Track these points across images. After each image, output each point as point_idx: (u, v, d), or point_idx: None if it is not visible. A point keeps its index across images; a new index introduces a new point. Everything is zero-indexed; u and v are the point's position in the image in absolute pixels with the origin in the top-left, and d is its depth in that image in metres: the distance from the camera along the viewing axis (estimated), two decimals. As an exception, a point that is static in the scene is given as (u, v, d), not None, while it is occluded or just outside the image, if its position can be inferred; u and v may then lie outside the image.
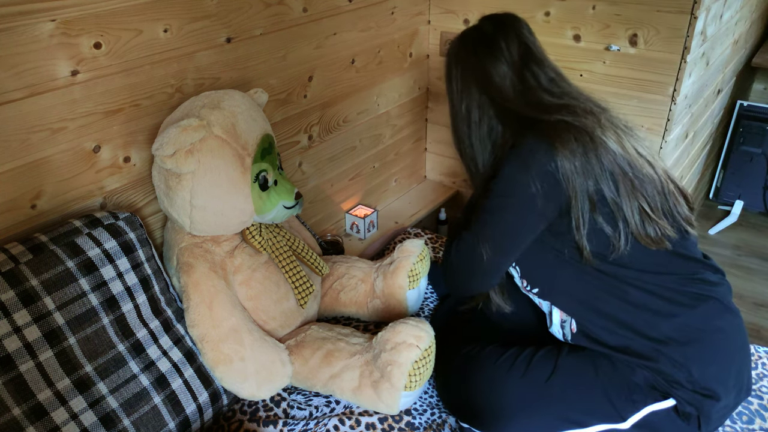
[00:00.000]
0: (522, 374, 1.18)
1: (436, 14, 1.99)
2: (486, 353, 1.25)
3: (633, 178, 1.08)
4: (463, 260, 1.18)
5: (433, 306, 1.58)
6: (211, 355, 1.17)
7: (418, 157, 2.25)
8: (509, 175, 1.10)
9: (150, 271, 1.17)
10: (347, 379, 1.22)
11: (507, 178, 1.11)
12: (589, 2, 1.67)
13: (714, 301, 1.11)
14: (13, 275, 0.97)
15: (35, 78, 1.04)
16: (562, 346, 1.21)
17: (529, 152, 1.08)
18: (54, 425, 0.96)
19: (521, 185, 1.08)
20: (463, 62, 1.20)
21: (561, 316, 1.20)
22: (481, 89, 1.17)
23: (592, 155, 1.06)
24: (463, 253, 1.17)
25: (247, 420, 1.20)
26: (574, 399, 1.15)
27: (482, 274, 1.17)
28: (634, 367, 1.11)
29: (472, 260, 1.16)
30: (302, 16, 1.52)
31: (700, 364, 1.08)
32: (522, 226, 1.12)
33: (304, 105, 1.63)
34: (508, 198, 1.11)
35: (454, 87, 1.22)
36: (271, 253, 1.30)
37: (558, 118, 1.09)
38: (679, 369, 1.08)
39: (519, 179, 1.08)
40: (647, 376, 1.10)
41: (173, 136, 1.09)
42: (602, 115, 1.12)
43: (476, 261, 1.15)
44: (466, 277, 1.20)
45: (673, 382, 1.09)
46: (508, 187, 1.11)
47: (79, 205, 1.18)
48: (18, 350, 0.95)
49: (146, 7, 1.17)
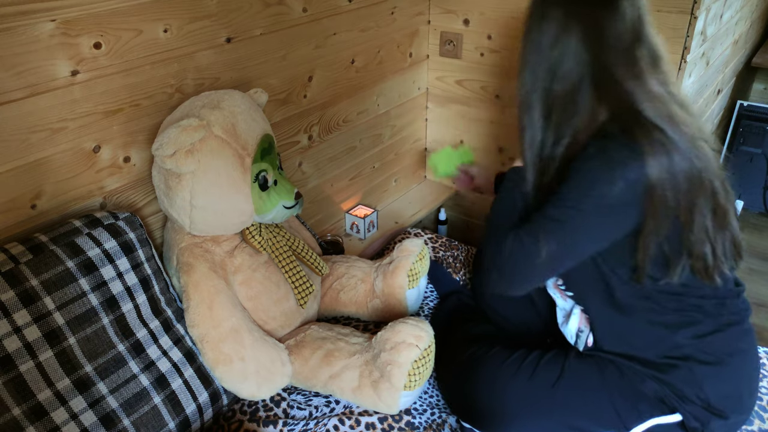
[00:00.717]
0: (529, 377, 1.17)
1: (436, 14, 1.99)
2: (492, 354, 1.24)
3: (722, 218, 1.02)
4: (518, 259, 1.06)
5: (433, 305, 1.58)
6: (211, 355, 1.17)
7: (418, 157, 2.25)
8: (589, 171, 0.98)
9: (150, 271, 1.17)
10: (347, 378, 1.22)
11: (586, 174, 0.99)
12: (589, 2, 1.67)
13: (740, 325, 1.10)
14: (13, 275, 0.97)
15: (35, 78, 1.04)
16: (569, 349, 1.20)
17: (618, 152, 0.96)
18: (54, 425, 0.96)
19: (602, 186, 0.97)
20: (571, 4, 1.02)
21: (579, 324, 1.18)
22: (587, 44, 1.00)
23: (686, 181, 0.96)
24: (519, 252, 1.05)
25: (247, 420, 1.20)
26: (579, 405, 1.14)
27: (534, 275, 1.07)
28: (643, 377, 1.10)
29: (528, 260, 1.05)
30: (302, 16, 1.52)
31: (715, 383, 1.07)
32: (594, 232, 1.02)
33: (304, 105, 1.63)
34: (584, 197, 0.99)
35: (546, 28, 1.03)
36: (271, 253, 1.31)
37: (664, 128, 0.96)
38: (691, 386, 1.07)
39: (601, 178, 0.97)
40: (656, 389, 1.09)
41: (173, 136, 1.09)
42: (711, 156, 1.01)
43: (532, 261, 1.04)
44: (517, 277, 1.08)
45: (682, 398, 1.08)
46: (585, 185, 0.99)
47: (79, 205, 1.18)
48: (18, 350, 0.95)
49: (146, 7, 1.17)
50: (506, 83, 1.93)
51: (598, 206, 0.98)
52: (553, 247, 1.02)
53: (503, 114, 1.98)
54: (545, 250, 1.02)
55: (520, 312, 1.37)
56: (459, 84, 2.04)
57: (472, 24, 1.92)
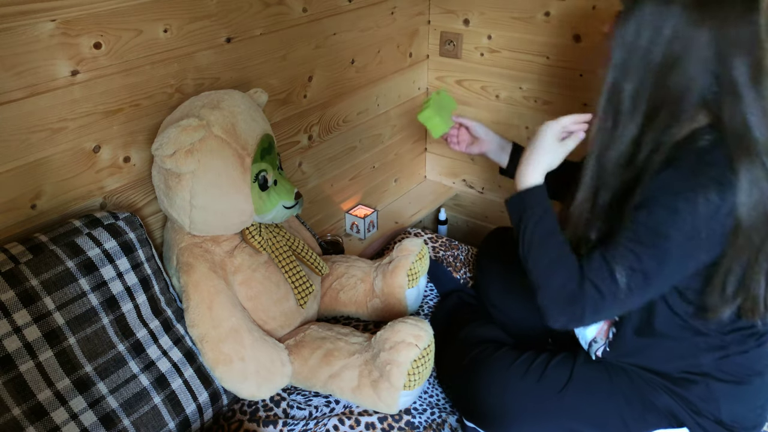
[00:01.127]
0: (537, 381, 1.16)
1: (436, 14, 1.99)
2: (500, 356, 1.23)
3: None
4: (592, 304, 0.96)
5: (432, 304, 1.58)
6: (211, 355, 1.17)
7: (418, 157, 2.25)
8: (679, 194, 0.88)
9: (150, 271, 1.17)
10: (346, 378, 1.22)
11: (675, 199, 0.88)
12: (589, 2, 1.67)
13: (763, 347, 1.07)
14: (13, 275, 0.97)
15: (35, 78, 1.04)
16: (578, 352, 1.19)
17: (714, 179, 0.87)
18: (54, 425, 0.96)
19: (693, 215, 0.88)
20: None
21: (596, 334, 1.16)
22: (716, 40, 0.87)
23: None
24: (593, 297, 0.95)
25: (247, 420, 1.20)
26: (585, 411, 1.13)
27: (610, 315, 1.01)
28: (656, 387, 1.09)
29: (604, 303, 0.95)
30: (302, 16, 1.52)
31: (731, 401, 1.06)
32: (681, 266, 0.93)
33: (304, 105, 1.63)
34: (671, 227, 0.89)
35: (668, 15, 0.88)
36: (270, 253, 1.31)
37: (765, 161, 0.87)
38: (707, 402, 1.06)
39: (692, 206, 0.87)
40: (668, 402, 1.08)
41: (173, 136, 1.09)
42: None
43: (608, 304, 0.95)
44: (588, 321, 0.99)
45: (697, 412, 1.07)
46: (674, 213, 0.88)
47: (79, 205, 1.18)
48: (18, 350, 0.95)
49: (146, 7, 1.17)
50: (507, 83, 1.93)
51: (687, 237, 0.89)
52: (634, 284, 0.92)
53: (503, 114, 1.98)
54: (624, 290, 0.93)
55: (525, 312, 1.37)
56: (459, 84, 2.04)
57: (472, 24, 1.92)
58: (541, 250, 1.02)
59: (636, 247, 0.92)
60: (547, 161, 1.07)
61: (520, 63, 1.87)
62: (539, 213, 1.03)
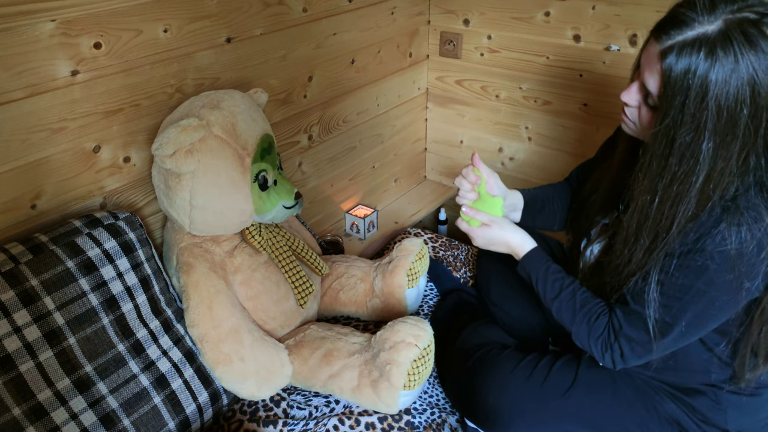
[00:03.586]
0: (541, 383, 1.15)
1: (436, 14, 1.99)
2: (504, 357, 1.22)
3: None
4: (633, 355, 1.01)
5: (432, 304, 1.58)
6: (210, 355, 1.17)
7: (418, 157, 2.25)
8: (741, 245, 0.88)
9: (150, 271, 1.17)
10: (346, 378, 1.22)
11: (732, 250, 0.88)
12: (589, 2, 1.67)
13: None
14: (13, 275, 0.97)
15: (35, 78, 1.04)
16: (582, 355, 1.19)
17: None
18: (54, 425, 0.96)
19: (742, 268, 0.89)
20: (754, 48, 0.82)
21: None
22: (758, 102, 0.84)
23: None
24: (632, 352, 1.01)
25: (247, 420, 1.20)
26: (587, 415, 1.13)
27: (636, 357, 1.02)
28: (662, 395, 1.09)
29: (634, 339, 1.00)
30: (302, 16, 1.52)
31: (738, 412, 1.06)
32: (719, 313, 0.95)
33: (304, 105, 1.63)
34: (719, 274, 0.90)
35: (734, 80, 0.82)
36: (270, 253, 1.31)
37: None
38: (715, 412, 1.06)
39: (745, 259, 0.88)
40: (674, 410, 1.08)
41: (173, 135, 1.09)
42: None
43: (637, 341, 1.00)
44: (626, 356, 1.02)
45: (703, 421, 1.07)
46: (726, 262, 0.89)
47: (79, 205, 1.18)
48: (18, 350, 0.95)
49: (146, 7, 1.17)
50: (507, 83, 1.93)
51: (734, 286, 0.90)
52: (681, 311, 0.95)
53: (503, 114, 1.98)
54: (666, 341, 0.97)
55: (525, 311, 1.37)
56: (459, 84, 2.04)
57: (472, 24, 1.92)
58: (558, 304, 1.10)
59: (676, 298, 0.94)
60: (509, 232, 1.16)
61: (520, 63, 1.87)
62: (542, 273, 1.12)
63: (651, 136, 0.92)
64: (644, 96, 0.94)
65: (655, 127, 0.91)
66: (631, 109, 0.98)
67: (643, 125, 0.97)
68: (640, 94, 0.95)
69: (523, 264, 1.15)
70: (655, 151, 0.91)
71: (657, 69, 0.88)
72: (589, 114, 1.80)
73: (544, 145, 1.94)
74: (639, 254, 0.98)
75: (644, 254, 0.97)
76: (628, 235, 0.99)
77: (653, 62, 0.88)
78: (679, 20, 0.85)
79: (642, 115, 0.96)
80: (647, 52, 0.91)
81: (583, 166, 1.37)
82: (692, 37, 0.84)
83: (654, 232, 0.95)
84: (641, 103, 0.95)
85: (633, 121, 0.99)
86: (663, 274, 0.95)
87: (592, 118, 1.79)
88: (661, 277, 0.95)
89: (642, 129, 0.98)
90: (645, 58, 0.91)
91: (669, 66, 0.85)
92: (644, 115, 0.96)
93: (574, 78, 1.78)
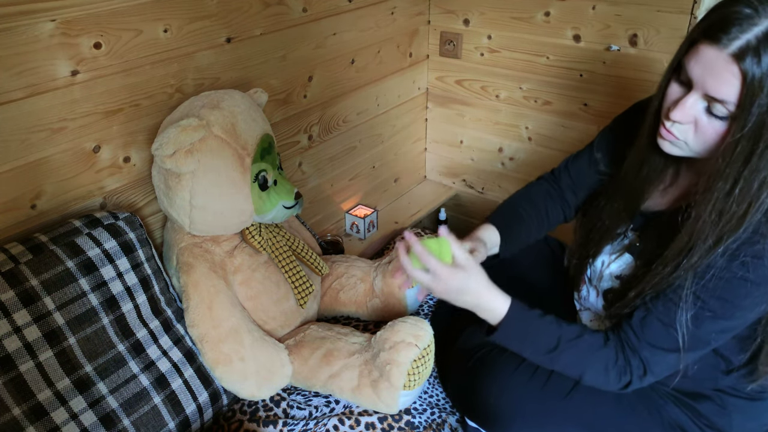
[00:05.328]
0: (542, 385, 1.14)
1: (436, 14, 1.99)
2: (504, 357, 1.21)
3: None
4: (648, 344, 0.98)
5: (432, 304, 1.58)
6: (210, 355, 1.17)
7: (418, 157, 2.25)
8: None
9: (150, 271, 1.17)
10: (346, 378, 1.22)
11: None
12: (589, 2, 1.67)
13: None
14: (13, 275, 0.97)
15: (35, 78, 1.04)
16: None
17: None
18: (54, 425, 0.96)
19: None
20: None
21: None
22: None
23: None
24: (648, 337, 0.98)
25: (247, 420, 1.20)
26: (588, 419, 1.12)
27: (658, 372, 1.00)
28: (666, 399, 1.09)
29: (659, 348, 0.97)
30: (302, 16, 1.52)
31: (743, 416, 1.06)
32: (742, 322, 0.95)
33: (304, 105, 1.63)
34: (757, 285, 0.88)
35: None
36: (270, 253, 1.31)
37: None
38: (719, 416, 1.06)
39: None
40: (678, 414, 1.08)
41: (173, 135, 1.09)
42: None
43: (666, 348, 0.97)
44: (646, 376, 1.00)
45: (707, 426, 1.07)
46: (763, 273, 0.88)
47: (79, 205, 1.18)
48: (18, 350, 0.95)
49: (146, 7, 1.17)
50: (507, 83, 1.93)
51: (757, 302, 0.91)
52: (710, 321, 0.93)
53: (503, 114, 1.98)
54: (693, 323, 0.94)
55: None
56: (459, 84, 2.04)
57: (472, 24, 1.92)
58: (555, 362, 1.04)
59: (709, 308, 0.92)
60: (482, 286, 1.07)
61: (520, 63, 1.87)
62: (524, 340, 1.05)
63: (728, 146, 0.85)
64: (705, 108, 0.87)
65: (731, 137, 0.84)
66: (682, 127, 0.89)
67: (705, 140, 0.89)
68: (697, 108, 0.87)
69: (501, 330, 1.04)
70: (733, 161, 0.84)
71: (731, 73, 0.81)
72: (590, 114, 1.80)
73: (544, 145, 1.94)
74: (693, 259, 0.91)
75: (699, 259, 0.91)
76: (684, 243, 0.93)
77: (719, 68, 0.82)
78: (736, 19, 0.80)
79: (702, 130, 0.88)
80: (702, 59, 0.83)
81: (575, 159, 1.34)
82: (763, 32, 0.78)
83: (719, 235, 0.89)
84: (698, 117, 0.87)
85: (684, 140, 0.91)
86: (697, 283, 0.91)
87: (592, 118, 1.79)
88: (696, 289, 0.92)
89: (700, 145, 0.90)
90: (701, 67, 0.84)
91: (749, 67, 0.79)
92: (706, 128, 0.87)
93: (574, 78, 1.78)
